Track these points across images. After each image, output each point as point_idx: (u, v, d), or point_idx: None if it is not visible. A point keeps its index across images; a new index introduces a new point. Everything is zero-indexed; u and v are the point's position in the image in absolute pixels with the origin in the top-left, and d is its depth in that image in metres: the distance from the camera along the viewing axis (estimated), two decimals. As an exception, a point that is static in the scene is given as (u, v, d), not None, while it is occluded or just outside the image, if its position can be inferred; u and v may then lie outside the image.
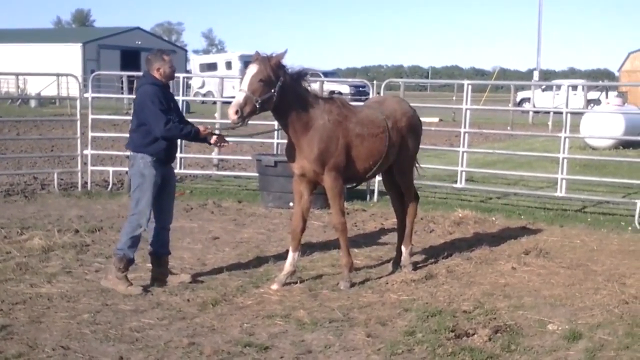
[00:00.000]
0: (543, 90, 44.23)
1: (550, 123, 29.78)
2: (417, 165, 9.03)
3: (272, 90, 7.40)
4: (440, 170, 15.22)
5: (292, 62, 7.73)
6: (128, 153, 8.03)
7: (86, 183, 13.96)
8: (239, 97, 7.31)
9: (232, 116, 7.27)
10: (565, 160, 12.92)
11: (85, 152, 14.18)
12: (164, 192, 7.84)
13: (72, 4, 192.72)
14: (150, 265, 8.08)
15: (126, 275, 7.68)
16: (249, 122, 7.61)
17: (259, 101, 7.33)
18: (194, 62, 61.44)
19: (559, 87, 38.10)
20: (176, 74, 11.85)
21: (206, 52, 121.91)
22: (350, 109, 8.16)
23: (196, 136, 7.72)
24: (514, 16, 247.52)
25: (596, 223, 11.66)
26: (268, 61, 7.42)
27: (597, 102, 36.97)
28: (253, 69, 7.41)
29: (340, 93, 38.22)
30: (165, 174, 7.80)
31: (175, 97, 8.43)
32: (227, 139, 8.15)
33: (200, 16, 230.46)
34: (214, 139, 7.87)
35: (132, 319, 6.79)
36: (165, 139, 7.57)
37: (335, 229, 8.17)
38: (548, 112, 33.38)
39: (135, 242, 7.72)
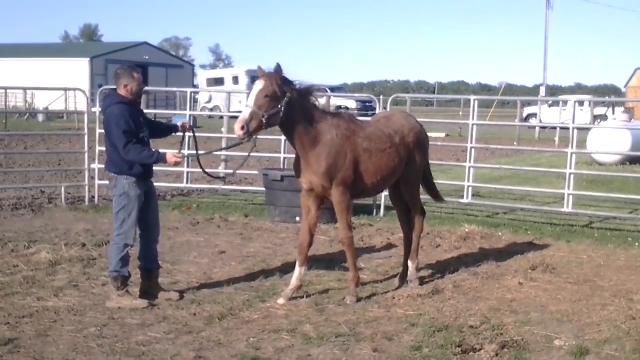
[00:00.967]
0: (550, 105, 44.25)
1: (557, 139, 29.75)
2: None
3: (279, 106, 7.42)
4: (446, 186, 15.17)
5: (300, 78, 7.78)
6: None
7: (93, 197, 14.00)
8: (245, 113, 7.33)
9: (238, 132, 7.28)
10: (572, 176, 12.92)
11: (92, 166, 14.22)
12: (148, 207, 7.81)
13: (80, 19, 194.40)
14: (141, 279, 8.02)
15: (127, 290, 7.68)
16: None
17: (266, 117, 7.34)
18: (201, 77, 61.73)
19: (565, 102, 38.15)
20: (184, 89, 11.84)
21: (213, 67, 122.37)
22: (358, 124, 8.18)
23: (159, 161, 7.56)
24: (520, 32, 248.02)
25: (603, 239, 11.63)
26: (275, 77, 7.45)
27: (603, 117, 36.98)
28: (259, 85, 7.44)
29: (347, 108, 38.35)
30: (147, 189, 7.79)
31: (183, 112, 8.44)
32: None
33: (208, 31, 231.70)
34: (175, 161, 7.71)
35: (139, 333, 6.79)
36: (126, 161, 7.48)
37: (343, 244, 8.17)
38: (555, 128, 33.35)
39: (125, 261, 7.70)
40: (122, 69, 7.72)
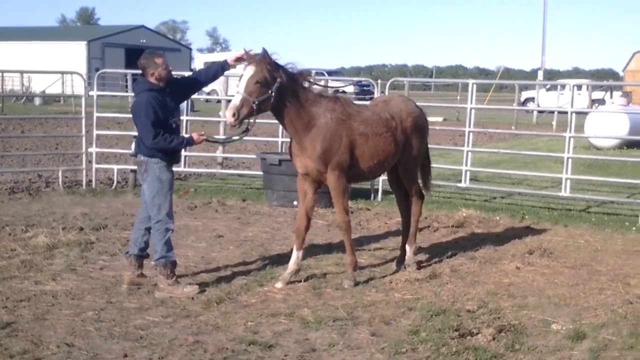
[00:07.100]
0: (547, 89, 44.17)
1: (554, 123, 29.76)
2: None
3: (270, 92, 7.40)
4: (444, 170, 15.21)
5: (296, 62, 7.74)
6: (131, 152, 7.89)
7: (91, 181, 13.98)
8: (236, 100, 7.32)
9: (229, 118, 7.29)
10: (570, 160, 12.91)
11: (90, 150, 14.20)
12: None
13: (77, 2, 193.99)
14: (128, 267, 7.77)
15: (176, 279, 7.59)
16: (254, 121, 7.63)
17: (256, 102, 7.33)
18: (199, 60, 61.56)
19: (563, 86, 38.07)
20: (181, 73, 11.72)
21: (210, 50, 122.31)
22: (354, 107, 8.14)
23: (188, 145, 7.63)
24: (518, 16, 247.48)
25: (600, 223, 11.64)
26: (264, 62, 7.41)
27: (601, 102, 36.92)
28: (249, 71, 7.40)
29: (344, 92, 38.21)
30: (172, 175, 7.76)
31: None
32: (234, 137, 8.23)
33: (205, 15, 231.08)
34: (200, 140, 7.76)
35: (137, 317, 6.80)
36: (156, 149, 7.42)
37: (340, 228, 8.17)
38: (552, 112, 33.34)
39: (170, 245, 7.59)
40: (144, 60, 7.51)
